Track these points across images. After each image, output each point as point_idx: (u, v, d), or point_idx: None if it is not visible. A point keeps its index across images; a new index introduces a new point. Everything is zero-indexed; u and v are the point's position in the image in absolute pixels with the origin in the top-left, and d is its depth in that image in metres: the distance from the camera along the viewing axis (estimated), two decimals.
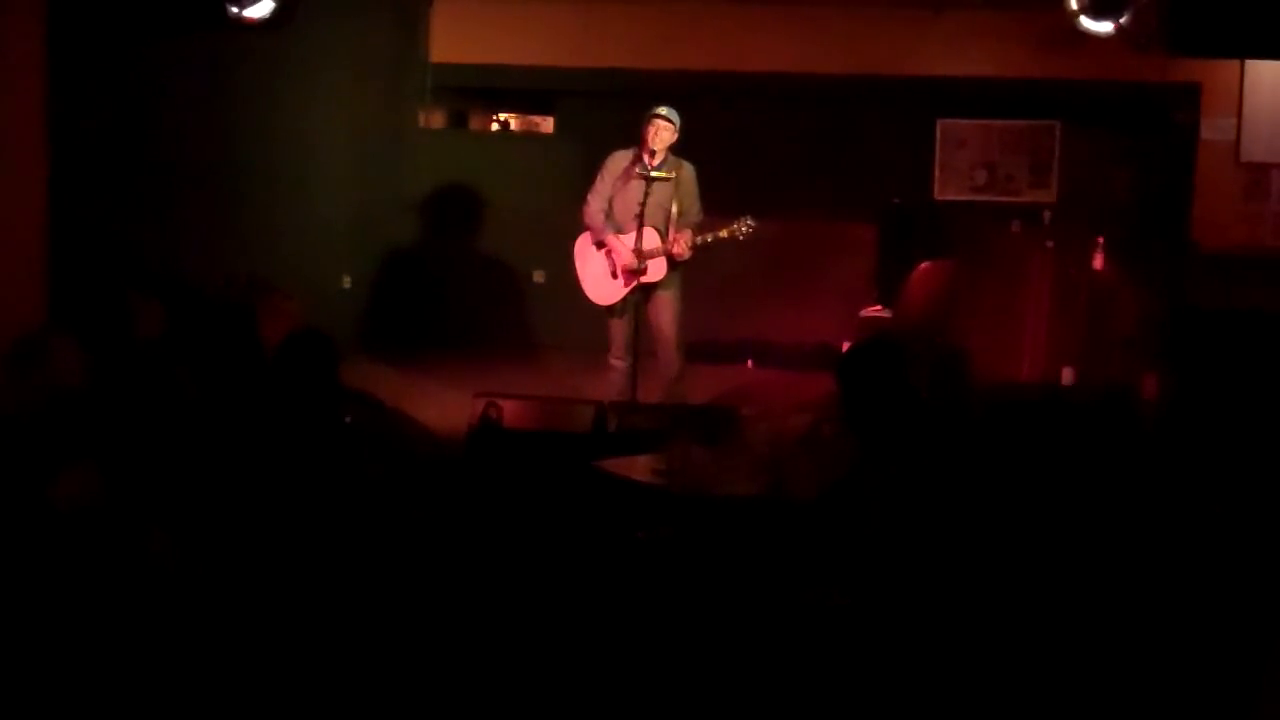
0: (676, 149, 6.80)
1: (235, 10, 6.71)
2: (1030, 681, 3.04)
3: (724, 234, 6.76)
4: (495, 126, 12.01)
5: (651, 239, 6.74)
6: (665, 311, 6.89)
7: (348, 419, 4.31)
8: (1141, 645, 3.11)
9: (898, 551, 3.51)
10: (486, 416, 5.40)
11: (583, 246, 6.97)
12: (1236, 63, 8.76)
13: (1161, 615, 3.19)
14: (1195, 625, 3.16)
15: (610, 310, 6.90)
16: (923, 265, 8.62)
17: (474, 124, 11.98)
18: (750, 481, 4.38)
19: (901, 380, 4.21)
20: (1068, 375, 8.67)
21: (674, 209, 6.77)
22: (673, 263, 6.82)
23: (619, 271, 6.82)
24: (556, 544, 3.81)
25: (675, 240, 6.73)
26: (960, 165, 9.65)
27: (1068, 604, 3.21)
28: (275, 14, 6.75)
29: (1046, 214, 9.39)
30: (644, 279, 6.79)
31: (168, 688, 2.96)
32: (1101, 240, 8.86)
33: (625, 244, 6.76)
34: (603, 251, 6.88)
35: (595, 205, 6.87)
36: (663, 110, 6.70)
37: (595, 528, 4.02)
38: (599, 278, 6.90)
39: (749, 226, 6.73)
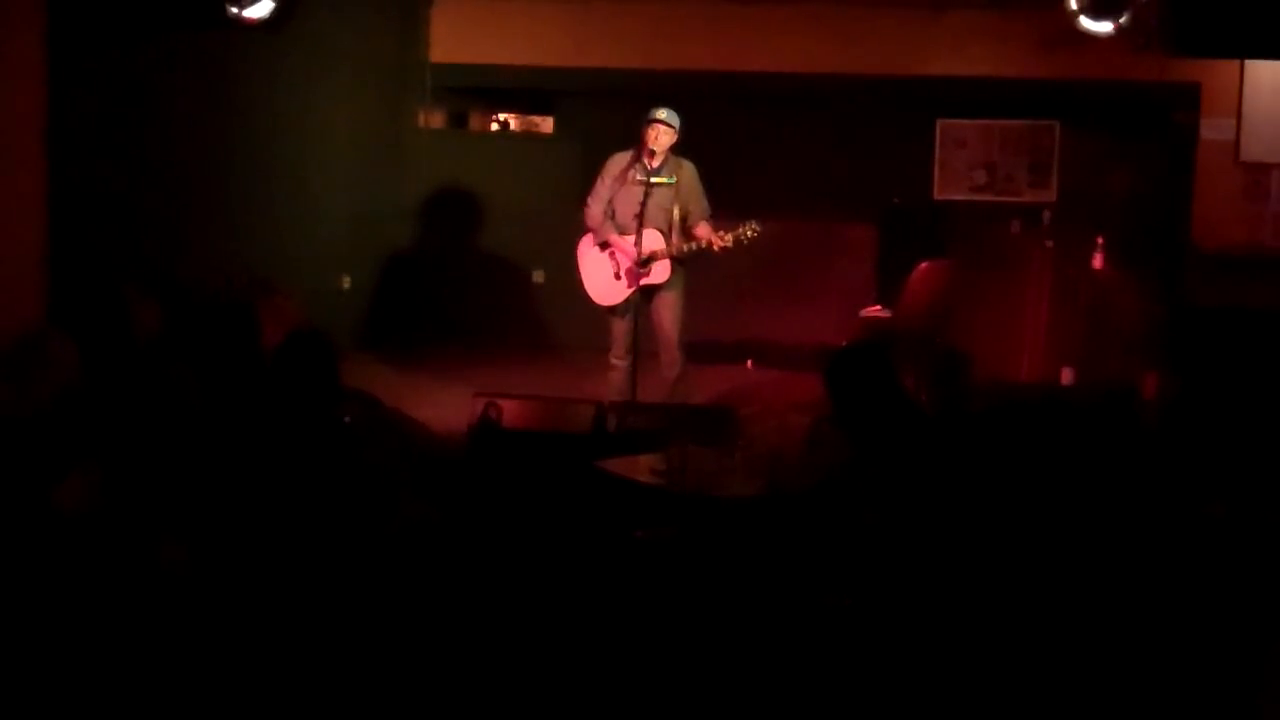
0: (677, 148, 6.79)
1: (235, 10, 6.72)
2: (1031, 681, 3.03)
3: (729, 238, 6.71)
4: (495, 127, 12.00)
5: (652, 240, 6.74)
6: (667, 311, 6.88)
7: (347, 419, 4.31)
8: (1142, 645, 3.11)
9: (898, 552, 3.51)
10: (486, 416, 5.39)
11: (585, 248, 6.97)
12: (1236, 63, 8.75)
13: (1162, 615, 3.19)
14: (1195, 625, 3.16)
15: (612, 310, 6.90)
16: (923, 265, 8.61)
17: (474, 124, 11.96)
18: (750, 481, 4.38)
19: (889, 382, 4.22)
20: (1068, 375, 8.67)
21: (675, 210, 6.76)
22: (677, 264, 6.83)
23: (623, 272, 6.82)
24: (556, 544, 3.81)
25: (711, 237, 6.68)
26: (960, 165, 9.65)
27: (1068, 604, 3.21)
28: (275, 14, 6.77)
29: (1046, 214, 9.39)
30: (648, 280, 6.78)
31: (175, 692, 2.96)
32: (1101, 240, 8.86)
33: (629, 245, 6.75)
34: (606, 252, 6.88)
35: (595, 208, 6.87)
36: (661, 114, 6.68)
37: (595, 528, 4.01)
38: (602, 279, 6.89)
39: (754, 231, 6.69)
